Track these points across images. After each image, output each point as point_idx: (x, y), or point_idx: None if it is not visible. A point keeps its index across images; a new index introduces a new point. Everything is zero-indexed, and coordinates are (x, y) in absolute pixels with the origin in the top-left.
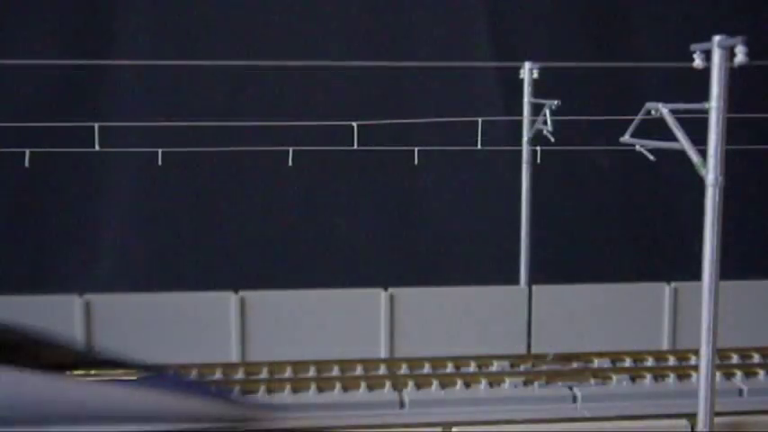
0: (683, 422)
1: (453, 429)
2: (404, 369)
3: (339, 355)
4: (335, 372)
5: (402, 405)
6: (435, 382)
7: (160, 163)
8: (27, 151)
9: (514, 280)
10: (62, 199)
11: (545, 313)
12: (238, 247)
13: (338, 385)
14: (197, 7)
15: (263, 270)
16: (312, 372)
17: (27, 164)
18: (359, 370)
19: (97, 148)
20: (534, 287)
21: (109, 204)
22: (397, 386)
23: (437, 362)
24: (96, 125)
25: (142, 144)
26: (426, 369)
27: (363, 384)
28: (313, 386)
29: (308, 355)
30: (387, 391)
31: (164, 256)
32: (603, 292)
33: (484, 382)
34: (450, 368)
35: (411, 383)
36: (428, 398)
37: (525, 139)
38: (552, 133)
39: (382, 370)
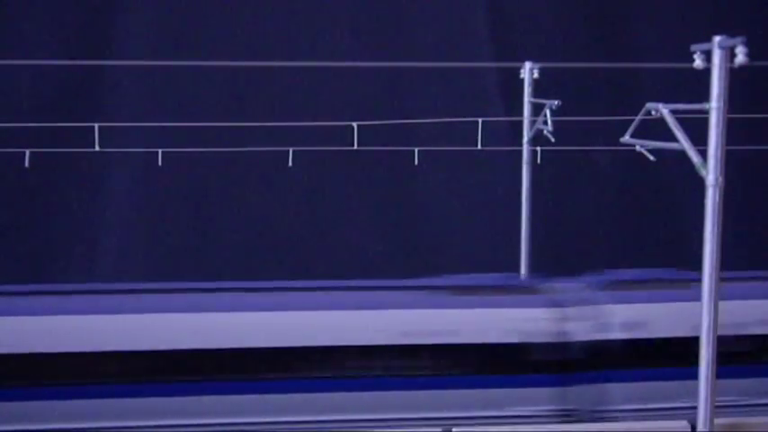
0: (683, 422)
1: (453, 430)
2: None
3: None
4: None
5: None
6: None
7: (160, 163)
8: (27, 151)
9: None
10: (62, 199)
11: None
12: (238, 247)
13: None
14: (197, 7)
15: (264, 269)
16: None
17: (27, 164)
18: None
19: (97, 148)
20: None
21: (109, 204)
22: None
23: None
24: (96, 125)
25: (142, 144)
26: None
27: None
28: None
29: None
30: None
31: (164, 255)
32: None
33: None
34: None
35: None
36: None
37: (525, 139)
38: (552, 133)
39: None
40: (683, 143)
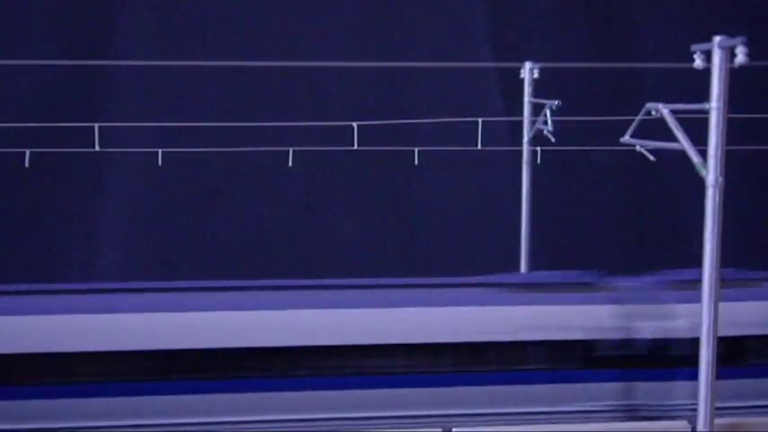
0: (683, 422)
1: (453, 430)
2: None
3: None
4: None
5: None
6: None
7: (160, 163)
8: (27, 151)
9: None
10: (62, 199)
11: None
12: (238, 247)
13: None
14: (197, 8)
15: (264, 269)
16: None
17: (27, 164)
18: None
19: (97, 148)
20: None
21: (109, 204)
22: None
23: None
24: (96, 125)
25: (142, 144)
26: None
27: None
28: None
29: None
30: None
31: (163, 255)
32: None
33: None
34: None
35: None
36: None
37: (525, 139)
38: (552, 133)
39: None
40: (683, 143)
